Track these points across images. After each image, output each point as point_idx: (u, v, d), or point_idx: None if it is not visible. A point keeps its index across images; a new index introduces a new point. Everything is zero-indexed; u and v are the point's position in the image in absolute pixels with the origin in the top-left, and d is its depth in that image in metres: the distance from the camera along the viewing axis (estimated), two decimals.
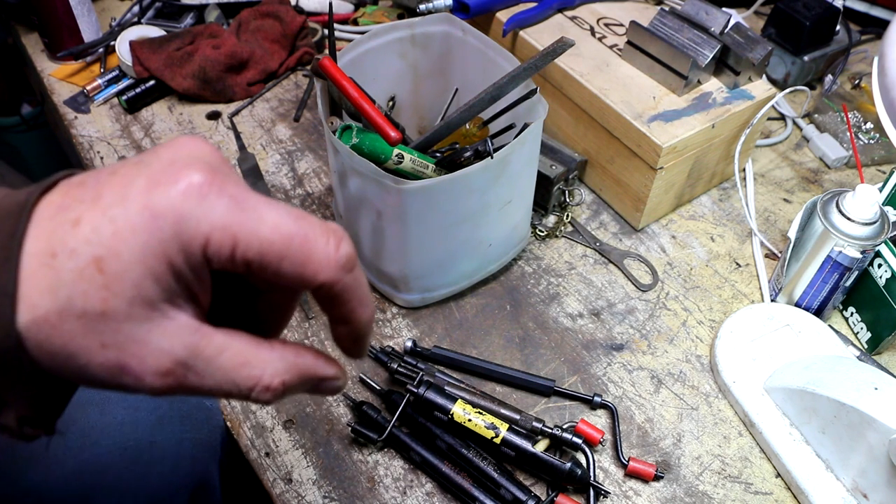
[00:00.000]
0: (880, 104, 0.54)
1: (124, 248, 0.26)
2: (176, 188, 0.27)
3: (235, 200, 0.28)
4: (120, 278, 0.26)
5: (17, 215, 0.27)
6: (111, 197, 0.27)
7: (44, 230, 0.26)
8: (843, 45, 0.95)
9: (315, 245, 0.28)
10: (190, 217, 0.27)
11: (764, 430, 0.63)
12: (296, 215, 0.29)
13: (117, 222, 0.26)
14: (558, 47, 0.64)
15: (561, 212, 0.82)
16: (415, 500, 0.60)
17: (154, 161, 0.28)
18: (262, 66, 0.96)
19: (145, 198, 0.27)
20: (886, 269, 0.67)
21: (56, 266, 0.26)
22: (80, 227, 0.26)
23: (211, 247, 0.27)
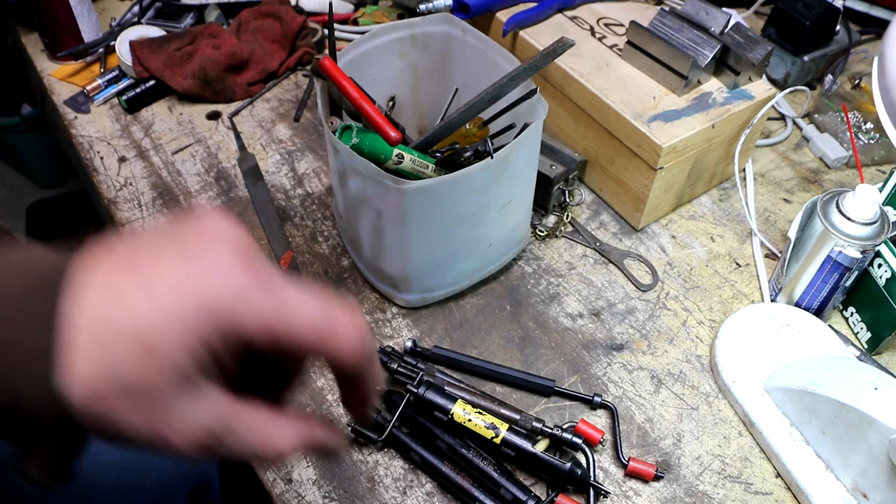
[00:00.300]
0: (880, 104, 0.54)
1: (171, 332, 0.29)
2: (221, 281, 0.30)
3: (272, 294, 0.31)
4: (165, 359, 0.29)
5: (57, 288, 0.29)
6: (158, 283, 0.29)
7: (93, 308, 0.29)
8: (843, 45, 0.95)
9: (339, 332, 0.32)
10: (232, 309, 0.30)
11: (764, 430, 0.63)
12: (325, 306, 0.32)
13: (165, 308, 0.29)
14: (558, 47, 0.64)
15: (561, 212, 0.82)
16: (415, 500, 0.60)
17: (196, 247, 0.31)
18: (262, 66, 0.96)
19: (193, 289, 0.29)
20: (886, 269, 0.67)
21: (105, 344, 0.28)
22: (131, 310, 0.29)
23: (249, 335, 0.30)
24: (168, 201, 0.82)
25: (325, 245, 0.78)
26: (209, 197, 0.83)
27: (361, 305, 0.73)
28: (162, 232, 0.32)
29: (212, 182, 0.84)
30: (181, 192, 0.83)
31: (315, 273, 0.76)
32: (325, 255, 0.77)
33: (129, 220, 0.80)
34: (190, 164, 0.87)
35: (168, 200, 0.82)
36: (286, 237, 0.78)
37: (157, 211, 0.81)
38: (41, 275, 0.29)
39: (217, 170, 0.86)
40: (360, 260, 0.74)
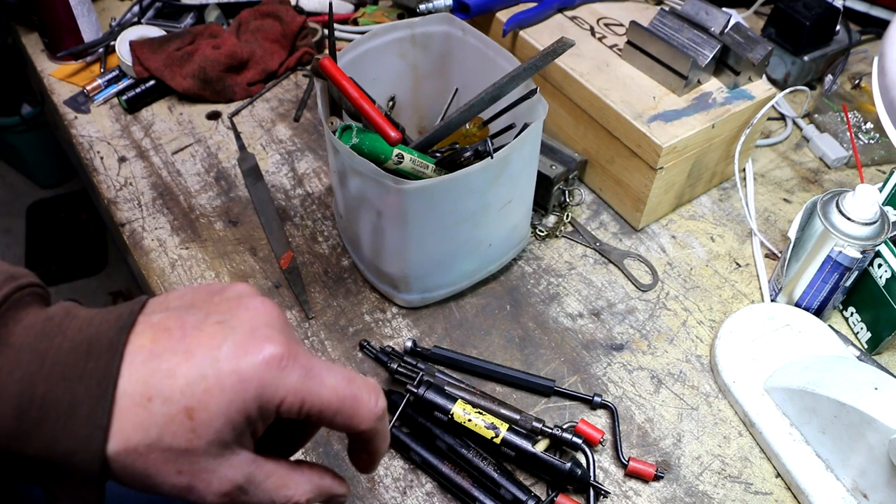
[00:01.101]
0: (880, 104, 0.54)
1: (213, 402, 0.32)
2: (261, 358, 0.33)
3: (305, 369, 0.34)
4: (205, 426, 0.32)
5: (109, 355, 0.32)
6: (203, 357, 0.32)
7: (139, 374, 0.32)
8: (843, 45, 0.95)
9: (361, 404, 0.36)
10: (270, 384, 0.33)
11: (764, 430, 0.63)
12: (349, 379, 0.36)
13: (209, 380, 0.32)
14: (558, 47, 0.64)
15: (561, 212, 0.82)
16: (415, 500, 0.60)
17: (237, 326, 0.34)
18: (262, 66, 0.96)
19: (235, 363, 0.32)
20: (886, 269, 0.67)
21: (151, 409, 0.31)
22: (176, 379, 0.32)
23: (283, 406, 0.34)
24: (168, 201, 0.82)
25: (325, 245, 0.78)
26: (209, 197, 0.83)
27: (361, 305, 0.73)
28: (200, 298, 0.36)
29: (212, 182, 0.85)
30: (181, 192, 0.83)
31: (315, 273, 0.76)
32: (325, 255, 0.77)
33: (129, 220, 0.80)
34: (190, 164, 0.87)
35: (168, 200, 0.82)
36: (286, 237, 0.78)
37: (157, 211, 0.81)
38: (95, 343, 0.32)
39: (217, 170, 0.86)
40: (360, 260, 0.74)
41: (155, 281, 0.75)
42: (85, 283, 1.84)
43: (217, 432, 0.32)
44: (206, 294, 0.36)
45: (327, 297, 0.73)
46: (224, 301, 0.35)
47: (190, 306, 0.35)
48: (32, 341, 0.32)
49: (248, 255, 0.77)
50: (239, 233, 0.79)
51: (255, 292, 0.36)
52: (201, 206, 0.82)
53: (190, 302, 0.35)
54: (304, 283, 0.74)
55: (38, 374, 0.31)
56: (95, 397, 0.31)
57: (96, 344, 0.32)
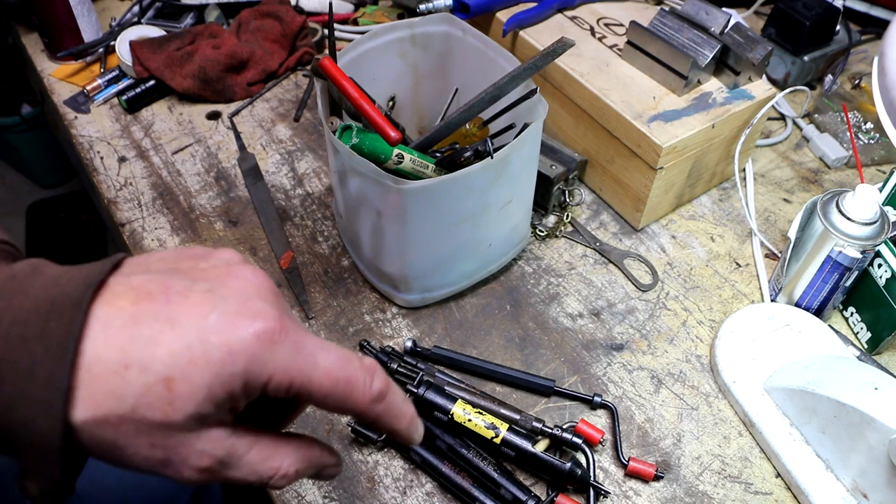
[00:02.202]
0: (880, 104, 0.54)
1: (196, 375, 0.30)
2: (251, 331, 0.31)
3: (297, 346, 0.32)
4: (185, 398, 0.30)
5: (72, 313, 0.29)
6: (189, 326, 0.30)
7: (116, 340, 0.29)
8: (843, 45, 0.95)
9: (356, 385, 0.34)
10: (259, 360, 0.31)
11: (764, 430, 0.63)
12: (344, 359, 0.33)
13: (194, 352, 0.29)
14: (558, 47, 0.64)
15: (561, 212, 0.82)
16: (415, 500, 0.60)
17: (227, 296, 0.31)
18: (262, 66, 0.96)
19: (223, 336, 0.30)
20: (886, 269, 0.67)
21: (126, 377, 0.29)
22: (158, 347, 0.29)
23: (270, 385, 0.31)
24: (168, 201, 0.82)
25: (325, 245, 0.78)
26: (209, 197, 0.83)
27: (361, 305, 0.73)
28: (184, 263, 0.33)
29: (212, 182, 0.85)
30: (181, 192, 0.83)
31: (315, 273, 0.76)
32: (325, 255, 0.77)
33: (129, 220, 0.80)
34: (190, 164, 0.87)
35: (168, 200, 0.82)
36: (286, 237, 0.78)
37: (157, 211, 0.81)
38: (58, 302, 0.29)
39: (217, 170, 0.86)
40: (360, 260, 0.74)
41: None
42: None
43: (197, 406, 0.30)
44: (190, 258, 0.34)
45: (327, 297, 0.73)
46: (211, 268, 0.33)
47: (174, 270, 0.32)
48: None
49: (248, 255, 0.77)
50: (239, 233, 0.79)
51: (243, 259, 0.34)
52: (201, 206, 0.82)
53: (173, 266, 0.33)
54: (304, 283, 0.74)
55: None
56: (56, 358, 0.28)
57: (60, 302, 0.29)
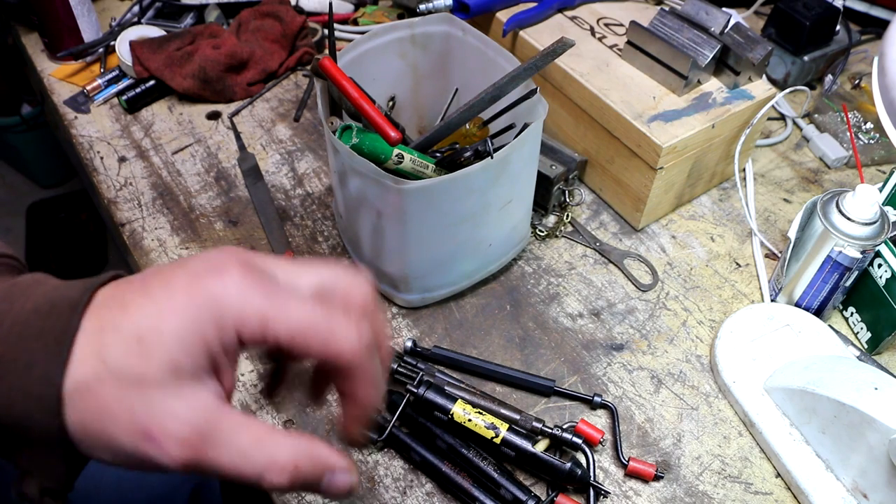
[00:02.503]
0: (880, 104, 0.54)
1: (165, 325, 0.30)
2: (216, 279, 0.31)
3: (267, 291, 0.31)
4: (156, 349, 0.30)
5: (69, 313, 0.30)
6: (157, 287, 0.31)
7: (95, 314, 0.31)
8: (843, 45, 0.95)
9: (338, 329, 0.32)
10: (226, 302, 0.31)
11: (764, 430, 0.63)
12: (323, 306, 0.32)
13: (160, 304, 0.30)
14: (558, 47, 0.64)
15: (561, 212, 0.82)
16: (415, 500, 0.60)
17: (196, 261, 0.32)
18: (262, 66, 0.96)
19: (188, 286, 0.31)
20: (886, 269, 0.67)
21: (102, 338, 0.30)
22: (128, 309, 0.30)
23: (244, 328, 0.31)
24: (168, 201, 0.82)
25: (325, 245, 0.78)
26: (209, 197, 0.83)
27: None
28: (174, 262, 0.34)
29: (212, 182, 0.85)
30: (181, 192, 0.83)
31: None
32: (325, 255, 0.77)
33: (129, 220, 0.80)
34: (190, 164, 0.87)
35: (168, 200, 0.82)
36: (286, 237, 0.78)
37: (157, 211, 0.81)
38: (58, 304, 0.31)
39: (217, 170, 0.86)
40: (360, 260, 0.74)
41: None
42: None
43: (169, 355, 0.30)
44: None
45: None
46: (196, 256, 0.34)
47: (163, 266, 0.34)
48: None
49: None
50: (239, 233, 0.79)
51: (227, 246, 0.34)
52: (201, 206, 0.82)
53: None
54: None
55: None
56: (52, 354, 0.29)
57: (59, 304, 0.31)
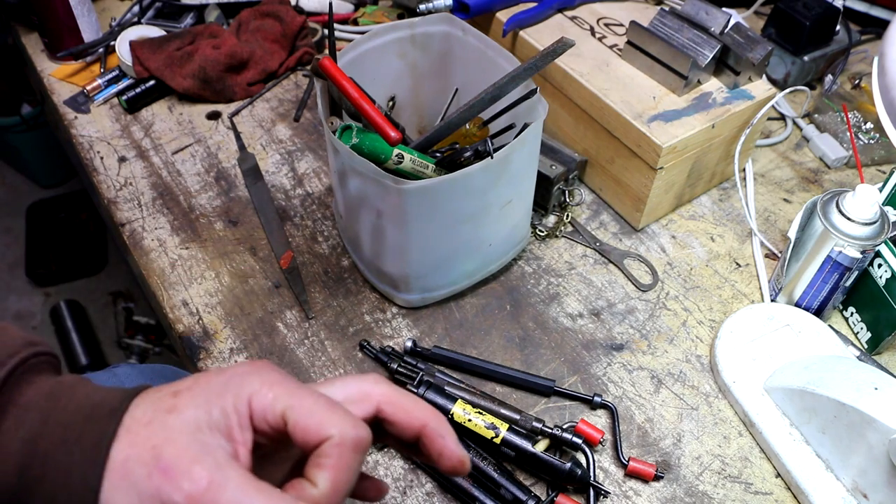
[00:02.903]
0: (880, 104, 0.54)
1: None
2: (232, 372, 0.35)
3: (289, 382, 0.35)
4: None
5: (108, 420, 0.33)
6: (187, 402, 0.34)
7: (128, 444, 0.33)
8: (843, 45, 0.95)
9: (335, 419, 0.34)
10: (239, 383, 0.34)
11: (764, 430, 0.63)
12: (329, 405, 0.34)
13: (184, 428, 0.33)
14: (558, 47, 0.64)
15: (561, 212, 0.82)
16: (415, 500, 0.60)
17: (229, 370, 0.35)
18: (262, 66, 0.96)
19: (209, 381, 0.34)
20: (886, 269, 0.67)
21: (131, 479, 0.32)
22: (153, 443, 0.32)
23: (254, 401, 0.34)
24: (168, 201, 0.82)
25: (325, 245, 0.78)
26: (209, 197, 0.83)
27: (361, 305, 0.73)
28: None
29: (212, 182, 0.85)
30: (181, 192, 0.83)
31: (315, 273, 0.76)
32: (325, 255, 0.77)
33: (129, 220, 0.80)
34: (190, 164, 0.87)
35: (168, 200, 0.82)
36: (286, 237, 0.78)
37: (157, 211, 0.81)
38: (97, 409, 0.33)
39: (217, 170, 0.86)
40: (360, 260, 0.74)
41: (155, 281, 0.75)
42: (85, 283, 1.84)
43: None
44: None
45: (327, 297, 0.73)
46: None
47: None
48: (39, 401, 0.34)
49: (248, 255, 0.77)
50: (239, 233, 0.79)
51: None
52: (201, 206, 0.82)
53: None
54: (304, 283, 0.74)
55: (40, 434, 0.33)
56: (90, 461, 0.32)
57: (99, 409, 0.33)
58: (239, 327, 0.71)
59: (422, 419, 0.37)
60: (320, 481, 0.33)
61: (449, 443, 0.37)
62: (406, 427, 0.37)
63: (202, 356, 0.68)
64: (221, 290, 0.74)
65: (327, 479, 0.33)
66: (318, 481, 0.33)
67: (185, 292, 0.73)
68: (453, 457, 0.37)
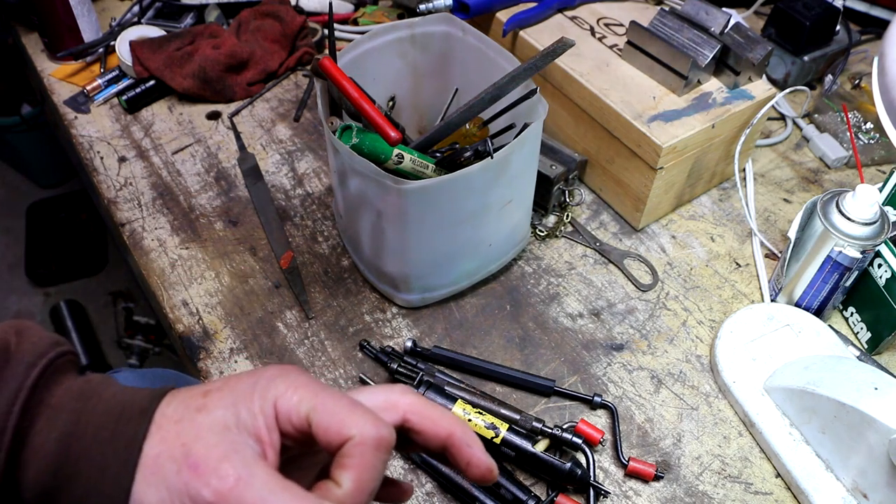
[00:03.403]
0: (880, 104, 0.54)
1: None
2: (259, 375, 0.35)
3: (315, 383, 0.35)
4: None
5: (138, 420, 0.34)
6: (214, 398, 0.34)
7: (159, 442, 0.33)
8: (843, 45, 0.95)
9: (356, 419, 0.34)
10: (271, 380, 0.35)
11: (764, 430, 0.63)
12: (351, 406, 0.34)
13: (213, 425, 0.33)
14: (558, 47, 0.64)
15: (561, 212, 0.82)
16: (415, 500, 0.60)
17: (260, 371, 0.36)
18: (262, 66, 0.96)
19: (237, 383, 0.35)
20: (886, 269, 0.67)
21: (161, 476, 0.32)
22: (183, 439, 0.33)
23: (280, 402, 0.34)
24: (168, 201, 0.82)
25: (325, 245, 0.78)
26: (209, 197, 0.83)
27: (361, 305, 0.73)
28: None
29: (212, 182, 0.85)
30: (181, 192, 0.83)
31: (315, 273, 0.76)
32: (325, 255, 0.77)
33: (129, 220, 0.80)
34: (190, 164, 0.87)
35: (168, 200, 0.82)
36: (286, 237, 0.78)
37: (157, 211, 0.81)
38: (126, 406, 0.34)
39: (217, 170, 0.86)
40: (360, 260, 0.74)
41: (155, 281, 0.75)
42: (85, 283, 1.84)
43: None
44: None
45: (327, 297, 0.73)
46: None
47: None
48: (70, 402, 0.34)
49: (248, 255, 0.77)
50: (239, 233, 0.79)
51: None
52: (201, 206, 0.82)
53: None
54: (304, 283, 0.74)
55: (73, 434, 0.33)
56: (122, 461, 0.33)
57: (129, 409, 0.34)
58: (239, 327, 0.71)
59: (448, 429, 0.37)
60: (344, 481, 0.33)
61: (476, 451, 0.38)
62: (432, 437, 0.37)
63: (202, 356, 0.68)
64: (221, 290, 0.74)
65: (350, 478, 0.33)
66: (342, 481, 0.33)
67: (185, 292, 0.73)
68: (481, 465, 0.38)
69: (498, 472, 0.39)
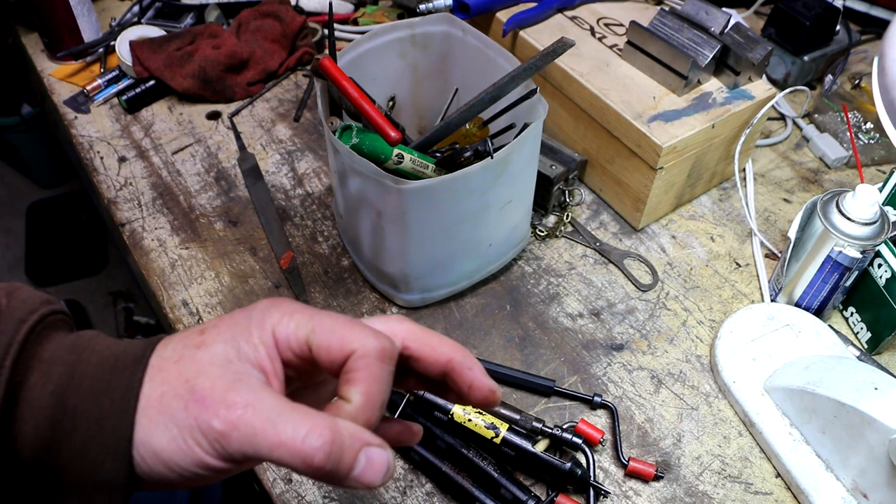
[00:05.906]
0: (880, 104, 0.54)
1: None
2: (254, 307, 0.35)
3: (309, 309, 0.35)
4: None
5: (133, 368, 0.34)
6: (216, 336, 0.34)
7: (161, 382, 0.33)
8: (843, 45, 0.95)
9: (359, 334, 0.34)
10: (267, 308, 0.35)
11: (764, 430, 0.63)
12: (349, 322, 0.34)
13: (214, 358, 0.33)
14: (558, 47, 0.64)
15: (561, 212, 0.82)
16: (415, 500, 0.60)
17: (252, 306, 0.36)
18: (262, 66, 0.96)
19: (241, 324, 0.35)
20: (886, 269, 0.67)
21: (166, 411, 0.33)
22: (187, 375, 0.33)
23: (279, 328, 0.34)
24: (168, 201, 0.82)
25: (325, 245, 0.78)
26: (209, 197, 0.83)
27: (361, 305, 0.73)
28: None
29: (212, 182, 0.85)
30: (181, 192, 0.83)
31: (315, 273, 0.76)
32: (325, 255, 0.77)
33: (129, 220, 0.80)
34: (190, 164, 0.87)
35: (168, 200, 0.82)
36: (286, 237, 0.78)
37: (156, 211, 0.81)
38: (119, 357, 0.34)
39: (217, 170, 0.86)
40: (360, 260, 0.74)
41: (155, 281, 0.75)
42: (85, 283, 1.84)
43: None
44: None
45: (327, 297, 0.73)
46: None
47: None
48: (63, 354, 0.34)
49: (248, 255, 0.77)
50: (239, 233, 0.79)
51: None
52: (201, 206, 0.82)
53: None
54: (304, 283, 0.74)
55: (68, 387, 0.33)
56: (119, 410, 0.32)
57: (122, 359, 0.34)
58: None
59: (447, 353, 0.37)
60: (353, 396, 0.33)
61: (477, 373, 0.37)
62: (432, 363, 0.37)
63: None
64: (221, 290, 0.74)
65: (359, 391, 0.33)
66: (350, 396, 0.33)
67: (185, 292, 0.73)
68: (483, 387, 0.37)
69: (501, 395, 0.39)
